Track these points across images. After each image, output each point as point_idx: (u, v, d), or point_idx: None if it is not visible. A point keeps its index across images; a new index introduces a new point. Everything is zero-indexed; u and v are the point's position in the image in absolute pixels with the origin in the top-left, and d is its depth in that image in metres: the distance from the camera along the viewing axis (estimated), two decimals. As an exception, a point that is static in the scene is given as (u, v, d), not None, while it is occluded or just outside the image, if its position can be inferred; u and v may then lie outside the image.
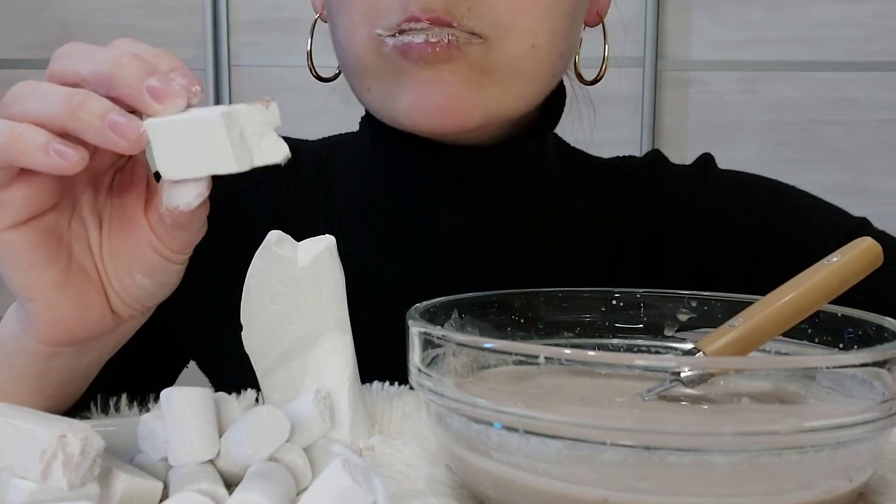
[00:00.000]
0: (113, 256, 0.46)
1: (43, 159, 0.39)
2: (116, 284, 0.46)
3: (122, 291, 0.46)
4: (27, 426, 0.32)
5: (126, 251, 0.45)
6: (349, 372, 0.46)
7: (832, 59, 1.68)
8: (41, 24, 1.79)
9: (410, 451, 0.44)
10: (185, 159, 0.40)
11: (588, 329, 0.50)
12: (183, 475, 0.36)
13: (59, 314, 0.44)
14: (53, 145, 0.39)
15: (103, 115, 0.39)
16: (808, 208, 0.65)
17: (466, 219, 0.62)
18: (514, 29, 0.53)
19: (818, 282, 0.41)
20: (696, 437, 0.32)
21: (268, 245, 0.45)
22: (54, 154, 0.38)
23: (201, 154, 0.39)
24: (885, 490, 0.39)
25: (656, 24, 1.67)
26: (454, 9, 0.51)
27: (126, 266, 0.45)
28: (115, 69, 0.39)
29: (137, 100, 0.39)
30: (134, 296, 0.46)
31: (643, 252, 0.66)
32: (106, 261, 0.46)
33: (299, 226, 0.55)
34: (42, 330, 0.45)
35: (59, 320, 0.44)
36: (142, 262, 0.45)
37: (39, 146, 0.39)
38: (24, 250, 0.42)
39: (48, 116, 0.39)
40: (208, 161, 0.39)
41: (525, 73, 0.55)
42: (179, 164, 0.40)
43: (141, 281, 0.46)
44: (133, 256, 0.45)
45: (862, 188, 1.70)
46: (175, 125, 0.39)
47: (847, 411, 0.33)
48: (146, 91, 0.39)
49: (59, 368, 0.47)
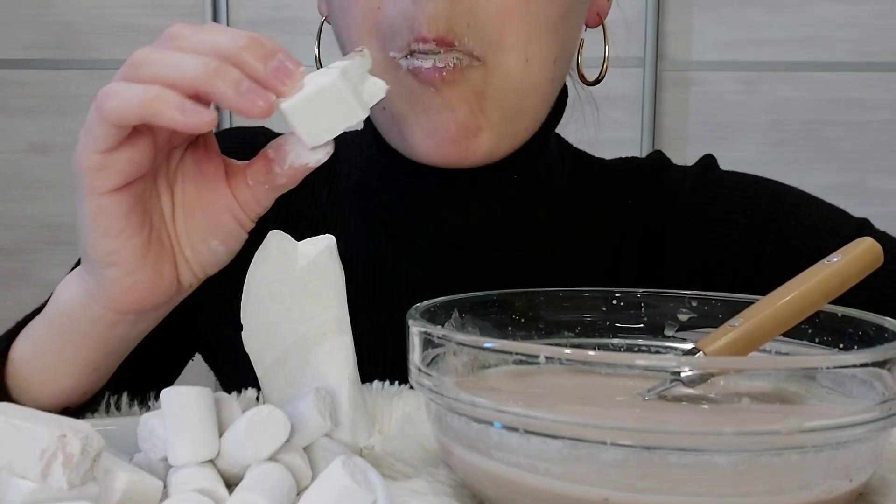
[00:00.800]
0: (187, 225, 0.48)
1: (180, 117, 0.41)
2: (188, 252, 0.48)
3: (193, 258, 0.48)
4: (27, 426, 0.32)
5: (204, 219, 0.48)
6: (349, 372, 0.46)
7: (832, 60, 1.68)
8: (42, 24, 1.79)
9: (410, 451, 0.44)
10: (321, 124, 0.44)
11: (588, 329, 0.50)
12: (183, 475, 0.36)
13: (137, 280, 0.46)
14: (188, 105, 0.41)
15: (239, 83, 0.42)
16: (809, 209, 0.65)
17: (468, 217, 0.62)
18: (507, 45, 0.54)
19: (818, 282, 0.41)
20: (697, 437, 0.32)
21: (268, 244, 0.45)
22: (190, 113, 0.41)
23: (334, 115, 0.44)
24: (885, 490, 0.39)
25: (657, 24, 1.67)
26: (455, 27, 0.53)
27: (201, 234, 0.48)
28: (239, 51, 0.42)
29: (266, 81, 0.42)
30: (203, 263, 0.49)
31: (644, 252, 0.66)
32: (179, 229, 0.48)
33: (303, 223, 0.56)
34: (117, 297, 0.46)
35: (135, 287, 0.46)
36: (220, 229, 0.48)
37: (175, 105, 0.41)
38: (119, 216, 0.44)
39: (183, 80, 0.42)
40: (340, 119, 0.44)
41: (522, 87, 0.56)
42: (319, 131, 0.44)
43: (216, 247, 0.48)
44: (211, 224, 0.48)
45: (862, 188, 1.70)
46: (308, 101, 0.43)
47: (847, 411, 0.33)
48: (271, 73, 0.42)
49: (115, 337, 0.49)
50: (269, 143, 0.47)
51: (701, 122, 1.71)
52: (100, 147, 0.43)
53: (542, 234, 0.64)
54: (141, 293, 0.46)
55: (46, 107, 1.80)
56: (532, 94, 0.58)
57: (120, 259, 0.45)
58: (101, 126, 0.42)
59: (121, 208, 0.44)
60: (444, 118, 0.55)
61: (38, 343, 0.49)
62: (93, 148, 0.43)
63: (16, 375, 0.49)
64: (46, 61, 1.79)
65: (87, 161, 0.43)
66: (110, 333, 0.48)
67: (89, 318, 0.48)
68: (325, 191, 0.67)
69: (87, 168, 0.43)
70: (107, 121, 0.42)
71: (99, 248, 0.45)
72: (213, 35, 0.43)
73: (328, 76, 0.43)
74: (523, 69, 0.55)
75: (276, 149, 0.47)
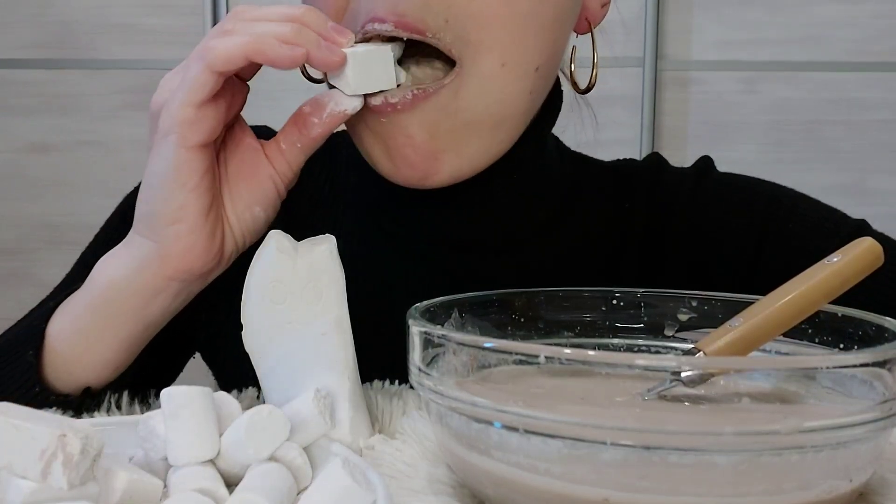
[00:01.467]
0: (233, 192, 0.52)
1: (282, 51, 0.47)
2: (233, 219, 0.52)
3: (237, 224, 0.52)
4: (27, 425, 0.32)
5: (247, 188, 0.53)
6: (349, 371, 0.46)
7: (832, 59, 1.68)
8: (42, 24, 1.79)
9: (410, 450, 0.44)
10: (365, 78, 0.51)
11: (588, 329, 0.50)
12: (183, 475, 0.36)
13: (195, 241, 0.50)
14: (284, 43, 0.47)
15: (318, 39, 0.49)
16: (807, 210, 0.65)
17: (466, 219, 0.62)
18: (485, 46, 0.52)
19: (818, 282, 0.41)
20: (697, 437, 0.32)
21: (268, 244, 0.45)
22: (287, 48, 0.47)
23: (377, 73, 0.51)
24: (885, 490, 0.39)
25: (656, 24, 1.67)
26: (430, 19, 0.51)
27: (245, 200, 0.53)
28: (303, 16, 0.49)
29: (327, 36, 0.49)
30: (245, 229, 0.53)
31: (642, 254, 0.66)
32: (225, 197, 0.52)
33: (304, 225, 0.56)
34: (174, 256, 0.50)
35: (193, 247, 0.50)
36: (263, 195, 0.53)
37: (276, 44, 0.47)
38: (199, 171, 0.49)
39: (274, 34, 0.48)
40: (379, 79, 0.51)
41: (497, 96, 0.54)
42: (362, 82, 0.51)
43: (258, 213, 0.53)
44: (255, 191, 0.53)
45: (862, 188, 1.70)
46: (366, 54, 0.51)
47: (847, 411, 0.33)
48: (331, 31, 0.50)
49: (156, 308, 0.51)
50: (305, 102, 0.52)
51: (701, 122, 1.71)
52: (198, 98, 0.47)
53: (540, 236, 0.64)
54: (196, 253, 0.50)
55: (46, 106, 1.80)
56: (508, 104, 0.55)
57: (187, 215, 0.49)
58: (206, 74, 0.47)
59: (201, 163, 0.49)
60: (399, 143, 0.54)
61: (79, 318, 0.52)
62: (191, 100, 0.47)
63: (52, 351, 0.51)
64: (46, 61, 1.79)
65: (183, 114, 0.48)
66: (153, 304, 0.51)
67: (134, 290, 0.50)
68: (325, 192, 0.67)
69: (183, 121, 0.48)
70: (211, 68, 0.47)
71: (173, 201, 0.49)
72: (276, 7, 0.49)
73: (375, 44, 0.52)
74: (498, 74, 0.53)
75: (312, 103, 0.52)
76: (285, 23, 0.48)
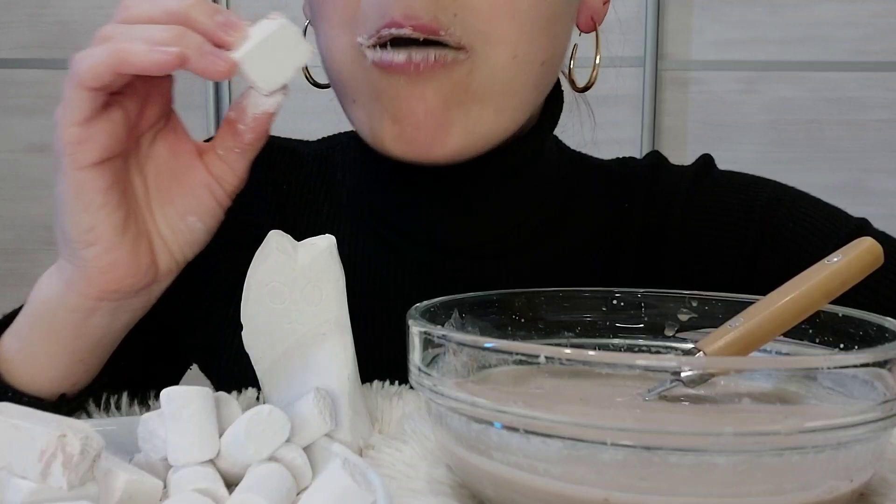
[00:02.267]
0: (164, 204, 0.50)
1: (148, 56, 0.43)
2: (166, 231, 0.50)
3: (171, 237, 0.50)
4: (27, 426, 0.31)
5: (180, 197, 0.50)
6: (349, 372, 0.46)
7: (832, 59, 1.68)
8: (41, 24, 1.79)
9: (410, 450, 0.44)
10: (274, 69, 0.47)
11: (588, 329, 0.50)
12: (183, 475, 0.36)
13: (115, 259, 0.47)
14: (154, 46, 0.43)
15: (201, 45, 0.44)
16: (808, 209, 0.65)
17: (465, 222, 0.61)
18: (494, 37, 0.52)
19: (819, 282, 0.41)
20: (697, 437, 0.32)
21: (268, 244, 0.45)
22: (157, 52, 0.43)
23: (284, 58, 0.47)
24: (885, 490, 0.39)
25: (656, 23, 1.67)
26: (441, 15, 0.51)
27: (178, 211, 0.50)
28: (188, 10, 0.45)
29: (214, 34, 0.45)
30: (181, 242, 0.50)
31: (642, 253, 0.66)
32: (154, 209, 0.50)
33: (301, 226, 0.55)
34: (96, 277, 0.47)
35: (113, 266, 0.47)
36: (198, 205, 0.50)
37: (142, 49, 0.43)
38: (100, 189, 0.46)
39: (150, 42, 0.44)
40: (291, 60, 0.47)
41: (506, 85, 0.54)
42: (273, 75, 0.47)
43: (193, 224, 0.50)
44: (188, 199, 0.50)
45: (862, 188, 1.70)
46: (259, 47, 0.46)
47: (848, 411, 0.33)
48: (219, 27, 0.45)
49: (95, 327, 0.49)
50: (231, 106, 0.49)
51: (701, 121, 1.71)
52: (78, 117, 0.44)
53: (539, 238, 0.64)
54: (118, 273, 0.47)
55: (45, 107, 1.80)
56: (515, 94, 0.55)
57: (100, 236, 0.46)
58: (78, 92, 0.44)
59: (102, 181, 0.46)
60: (413, 104, 0.53)
61: (22, 337, 0.50)
62: (72, 119, 0.44)
63: (7, 369, 0.50)
64: (45, 61, 1.79)
65: (68, 135, 0.45)
66: (89, 323, 0.49)
67: (67, 308, 0.48)
68: (321, 196, 0.67)
69: (69, 142, 0.45)
70: (83, 85, 0.44)
71: (80, 224, 0.46)
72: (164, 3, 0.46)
73: (271, 24, 0.46)
74: (510, 65, 0.54)
75: (235, 107, 0.49)
76: (173, 27, 0.44)
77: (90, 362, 0.51)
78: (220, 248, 0.60)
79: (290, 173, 0.67)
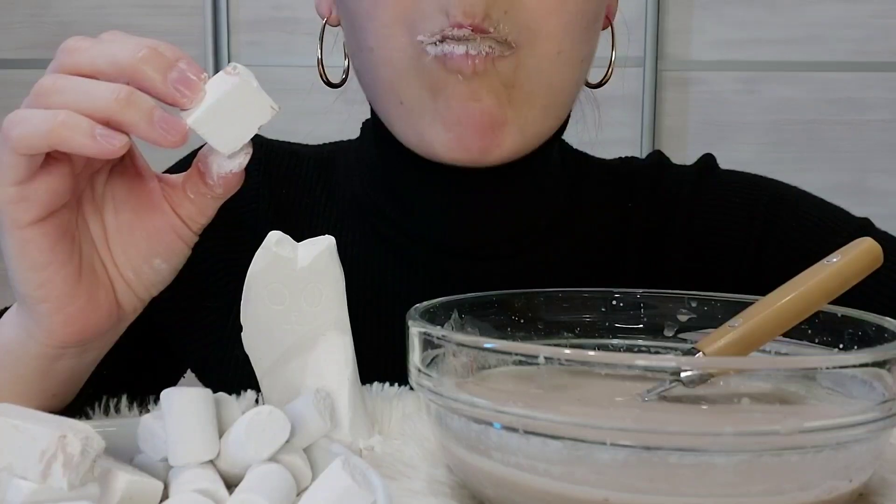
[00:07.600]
0: (126, 247, 0.47)
1: (90, 143, 0.40)
2: (129, 274, 0.47)
3: (135, 280, 0.47)
4: (27, 426, 0.32)
5: (145, 239, 0.47)
6: (349, 372, 0.46)
7: (832, 59, 1.68)
8: (41, 24, 1.79)
9: (410, 451, 0.44)
10: (234, 129, 0.43)
11: (588, 329, 0.50)
12: (183, 475, 0.36)
13: (71, 313, 0.45)
14: (99, 130, 0.40)
15: (151, 112, 0.40)
16: (810, 209, 0.65)
17: (469, 224, 0.61)
18: (542, 33, 0.53)
19: (818, 282, 0.41)
20: (697, 438, 0.32)
21: (268, 245, 0.45)
22: (101, 139, 0.40)
23: (243, 118, 0.43)
24: (885, 490, 0.39)
25: (656, 24, 1.67)
26: (493, 13, 0.51)
27: (143, 254, 0.47)
28: (138, 63, 0.41)
29: (166, 94, 0.41)
30: (147, 282, 0.48)
31: (644, 253, 0.66)
32: (115, 253, 0.47)
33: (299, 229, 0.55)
34: (53, 331, 0.45)
35: (70, 319, 0.45)
36: (164, 247, 0.47)
37: (85, 131, 0.40)
38: (44, 248, 0.43)
39: (94, 109, 0.40)
40: (250, 119, 0.43)
41: (551, 81, 0.55)
42: (232, 137, 0.43)
43: (158, 266, 0.47)
44: (153, 242, 0.47)
45: (862, 188, 1.70)
46: (213, 110, 0.42)
47: (847, 412, 0.33)
48: (171, 85, 0.41)
49: (62, 369, 0.48)
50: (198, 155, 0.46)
51: (701, 121, 1.71)
52: (12, 179, 0.41)
53: (542, 239, 0.64)
54: (77, 325, 0.45)
55: (46, 107, 1.80)
56: (559, 91, 0.56)
57: (50, 293, 0.44)
58: (10, 156, 0.41)
59: (46, 240, 0.43)
60: (469, 108, 0.53)
61: None
62: (5, 180, 0.41)
63: None
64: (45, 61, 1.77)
65: (4, 195, 0.42)
66: (55, 366, 0.47)
67: (31, 355, 0.46)
68: (322, 199, 0.67)
69: (5, 202, 0.42)
70: (15, 151, 0.41)
71: (27, 282, 0.44)
72: (112, 47, 0.42)
73: (229, 80, 0.42)
74: (554, 61, 0.54)
75: (202, 161, 0.46)
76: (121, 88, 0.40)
77: (64, 396, 0.50)
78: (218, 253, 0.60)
79: (289, 176, 0.67)
